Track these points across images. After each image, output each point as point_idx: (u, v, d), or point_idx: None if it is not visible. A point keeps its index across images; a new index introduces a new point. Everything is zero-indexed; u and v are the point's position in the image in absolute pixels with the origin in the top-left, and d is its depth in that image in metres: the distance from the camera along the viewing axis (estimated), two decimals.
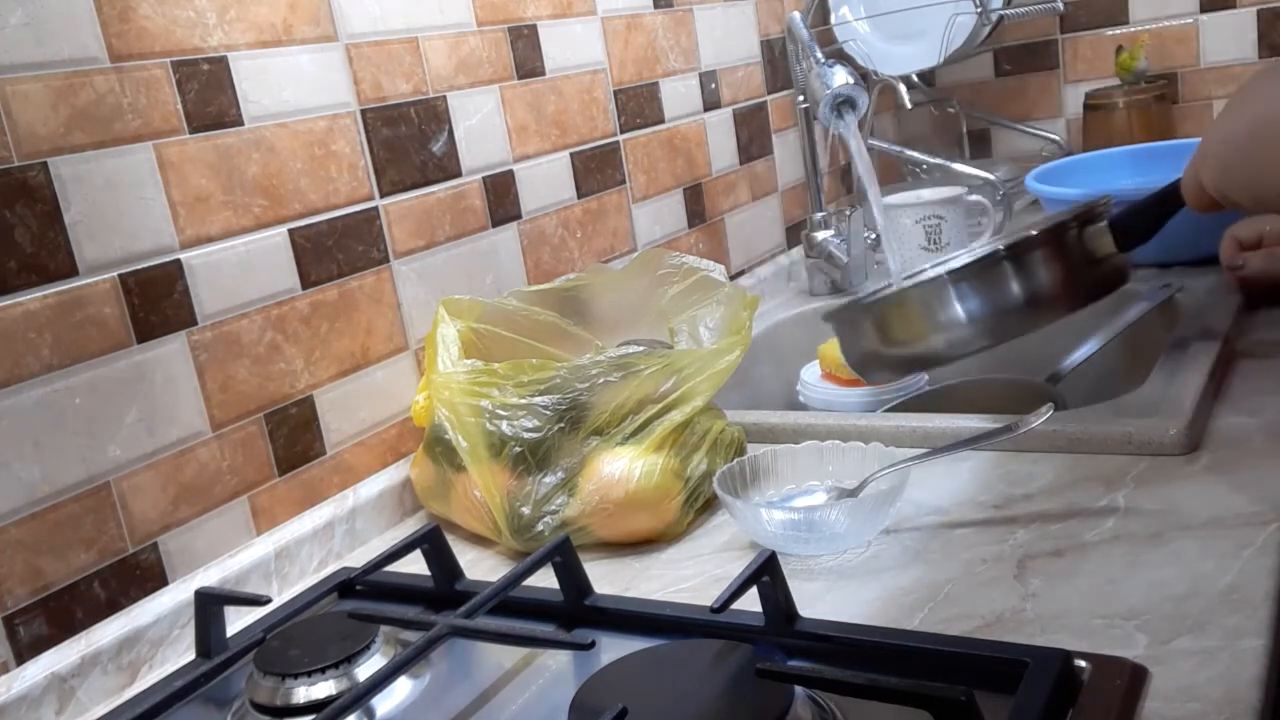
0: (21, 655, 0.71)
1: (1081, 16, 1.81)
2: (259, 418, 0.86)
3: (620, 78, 1.28)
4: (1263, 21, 1.69)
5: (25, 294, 0.71)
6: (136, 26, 0.78)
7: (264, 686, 0.67)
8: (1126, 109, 1.67)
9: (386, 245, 0.97)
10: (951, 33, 1.60)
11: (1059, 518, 0.75)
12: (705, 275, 0.97)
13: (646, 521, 0.82)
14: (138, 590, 0.77)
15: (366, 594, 0.80)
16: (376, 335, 0.96)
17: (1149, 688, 0.55)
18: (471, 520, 0.88)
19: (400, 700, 0.66)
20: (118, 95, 0.77)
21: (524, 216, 1.13)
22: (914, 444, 0.90)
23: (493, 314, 0.96)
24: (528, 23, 1.14)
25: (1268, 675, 0.55)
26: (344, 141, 0.94)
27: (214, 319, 0.83)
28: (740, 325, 0.88)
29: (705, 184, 1.43)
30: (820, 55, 1.24)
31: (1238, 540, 0.68)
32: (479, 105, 1.08)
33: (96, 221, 0.75)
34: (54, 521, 0.73)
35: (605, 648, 0.67)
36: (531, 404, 0.84)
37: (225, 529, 0.83)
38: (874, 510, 0.76)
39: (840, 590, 0.71)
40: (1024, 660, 0.56)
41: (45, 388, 0.72)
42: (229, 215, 0.84)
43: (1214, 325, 1.00)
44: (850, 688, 0.54)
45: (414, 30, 1.01)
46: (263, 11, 0.87)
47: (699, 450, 0.86)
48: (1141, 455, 0.82)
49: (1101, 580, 0.66)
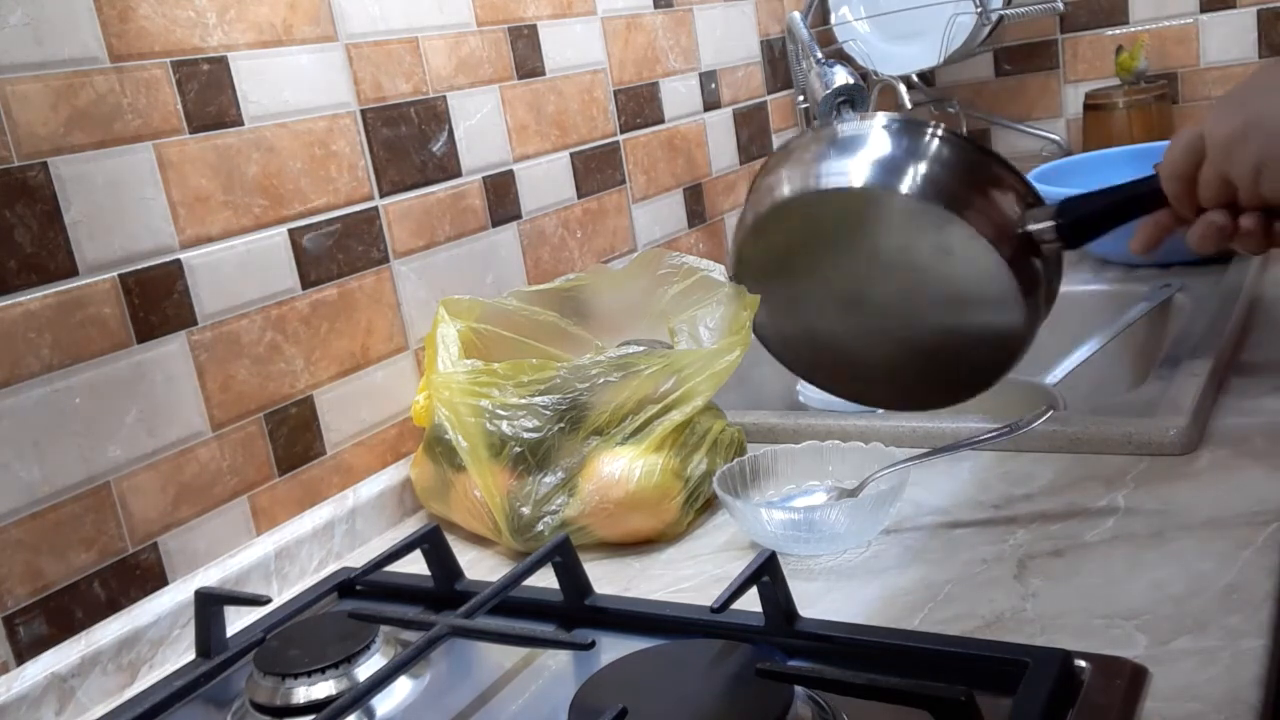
0: (21, 655, 0.71)
1: (1081, 16, 1.81)
2: (259, 418, 0.86)
3: (620, 78, 1.28)
4: (1263, 21, 1.69)
5: (25, 294, 0.71)
6: (136, 26, 0.78)
7: (264, 686, 0.67)
8: (1126, 109, 1.67)
9: (386, 245, 0.97)
10: (951, 33, 1.60)
11: (1059, 518, 0.75)
12: (705, 275, 0.97)
13: (646, 521, 0.82)
14: (138, 590, 0.77)
15: (366, 594, 0.80)
16: (376, 335, 0.96)
17: (1149, 688, 0.55)
18: (471, 520, 0.88)
19: (400, 700, 0.66)
20: (118, 95, 0.77)
21: (524, 216, 1.13)
22: (914, 444, 0.90)
23: (493, 314, 0.96)
24: (528, 23, 1.14)
25: (1268, 675, 0.55)
26: (344, 141, 0.94)
27: (214, 319, 0.83)
28: (740, 325, 0.88)
29: (705, 184, 1.43)
30: (820, 55, 1.24)
31: (1238, 540, 0.68)
32: (479, 105, 1.08)
33: (96, 221, 0.75)
34: (54, 521, 0.73)
35: (605, 648, 0.67)
36: (531, 404, 0.84)
37: (225, 529, 0.83)
38: (874, 510, 0.76)
39: (840, 590, 0.71)
40: (1024, 660, 0.56)
41: (45, 388, 0.72)
42: (229, 215, 0.84)
43: (1214, 325, 1.00)
44: (850, 688, 0.54)
45: (414, 30, 1.01)
46: (263, 11, 0.87)
47: (699, 450, 0.85)
48: (1141, 455, 0.82)
49: (1101, 580, 0.66)
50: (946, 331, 0.86)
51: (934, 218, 0.80)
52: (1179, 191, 0.76)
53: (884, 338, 0.90)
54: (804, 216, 0.87)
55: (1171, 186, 0.76)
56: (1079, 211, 0.82)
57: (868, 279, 0.87)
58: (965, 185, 0.82)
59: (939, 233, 0.81)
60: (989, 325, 0.84)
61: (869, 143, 0.84)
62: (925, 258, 0.83)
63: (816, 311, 0.91)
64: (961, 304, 0.84)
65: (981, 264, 0.81)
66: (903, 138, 0.84)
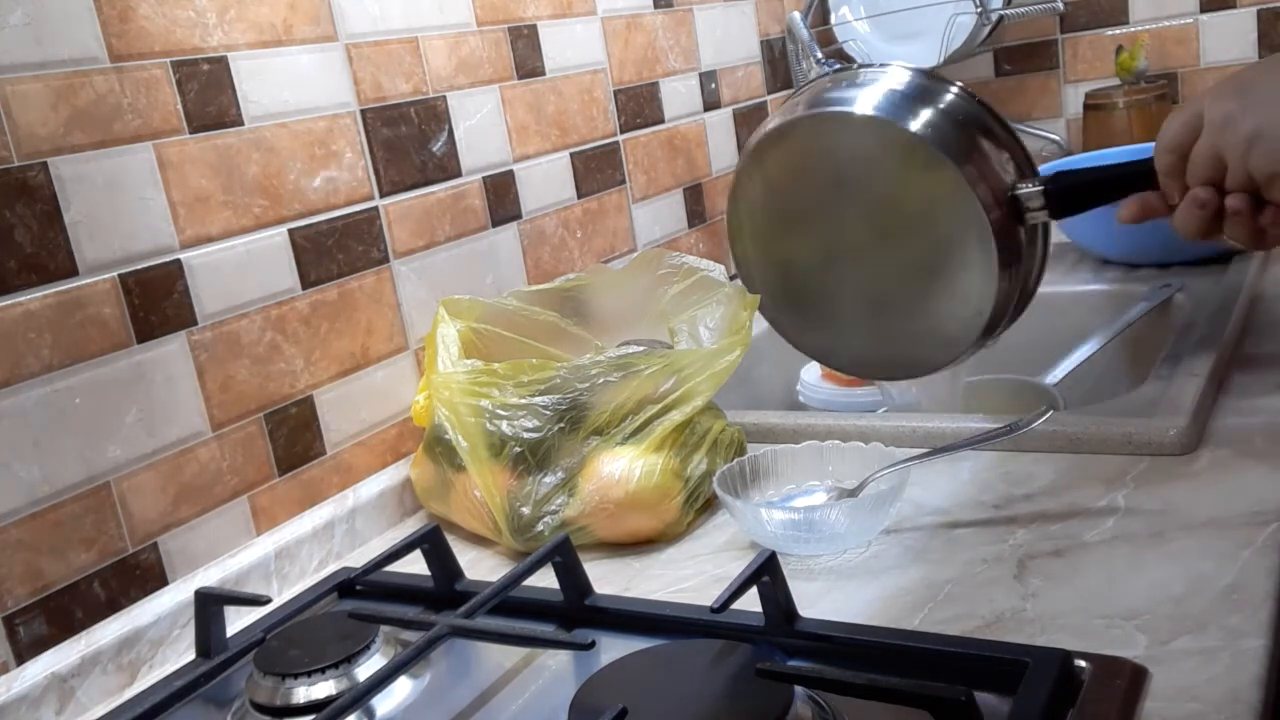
0: (21, 655, 0.71)
1: (1081, 16, 1.81)
2: (259, 418, 0.86)
3: (620, 78, 1.28)
4: (1263, 21, 1.69)
5: (25, 294, 0.71)
6: (136, 26, 0.78)
7: (264, 686, 0.67)
8: (1126, 109, 1.67)
9: (386, 245, 0.97)
10: (951, 33, 1.60)
11: (1059, 518, 0.75)
12: (705, 275, 0.97)
13: (646, 521, 0.82)
14: (138, 590, 0.77)
15: (366, 594, 0.80)
16: (376, 335, 0.96)
17: (1149, 688, 0.55)
18: (471, 520, 0.88)
19: (400, 700, 0.66)
20: (118, 95, 0.77)
21: (524, 216, 1.13)
22: (914, 444, 0.90)
23: (493, 314, 0.96)
24: (528, 23, 1.14)
25: (1268, 675, 0.55)
26: (344, 141, 0.94)
27: (214, 319, 0.83)
28: (740, 325, 0.88)
29: (705, 184, 1.43)
30: (820, 55, 1.24)
31: (1238, 540, 0.68)
32: (479, 105, 1.08)
33: (96, 221, 0.75)
34: (54, 521, 0.73)
35: (605, 648, 0.67)
36: (531, 404, 0.84)
37: (225, 529, 0.83)
38: (874, 510, 0.76)
39: (840, 590, 0.71)
40: (1024, 660, 0.56)
41: (45, 388, 0.72)
42: (229, 215, 0.84)
43: (1214, 325, 1.00)
44: (850, 688, 0.54)
45: (414, 30, 1.01)
46: (263, 11, 0.87)
47: (699, 450, 0.85)
48: (1141, 455, 0.82)
49: (1101, 580, 0.66)
50: (918, 292, 0.85)
51: (928, 160, 0.80)
52: (1169, 166, 0.76)
53: (858, 289, 0.89)
54: (803, 145, 0.86)
55: (1163, 160, 0.76)
56: (1068, 181, 0.81)
57: (852, 222, 0.86)
58: (966, 136, 0.81)
59: (929, 177, 0.80)
60: (960, 291, 0.83)
61: (881, 80, 0.84)
62: (911, 204, 0.83)
63: (798, 247, 0.90)
64: (939, 261, 0.83)
65: (966, 217, 0.80)
66: (916, 83, 0.84)
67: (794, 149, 0.87)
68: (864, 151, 0.84)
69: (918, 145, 0.80)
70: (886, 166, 0.83)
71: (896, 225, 0.85)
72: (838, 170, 0.85)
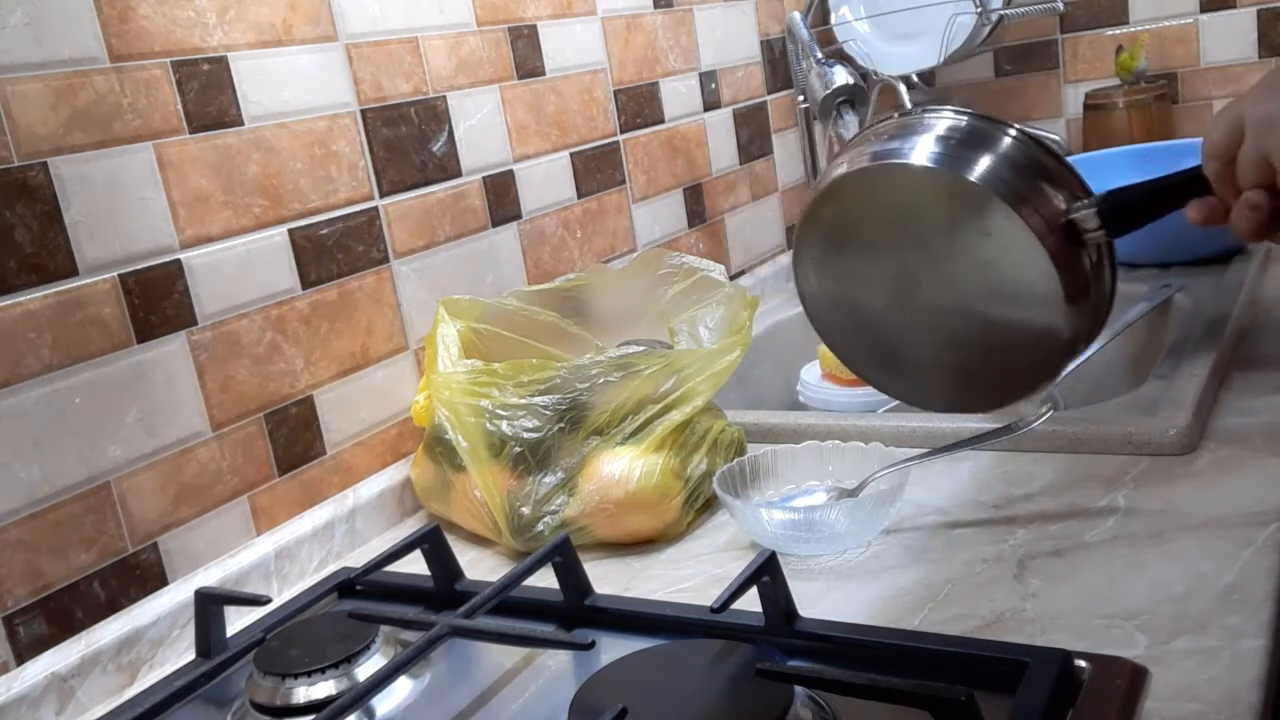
0: (21, 655, 0.71)
1: (1081, 16, 1.81)
2: (259, 418, 0.86)
3: (620, 78, 1.28)
4: (1263, 21, 1.69)
5: (25, 294, 0.71)
6: (136, 26, 0.78)
7: (264, 686, 0.67)
8: (1126, 109, 1.67)
9: (386, 245, 0.97)
10: (951, 33, 1.60)
11: (1059, 518, 0.75)
12: (705, 275, 0.97)
13: (646, 521, 0.82)
14: (138, 590, 0.77)
15: (366, 594, 0.80)
16: (376, 335, 0.96)
17: (1149, 688, 0.55)
18: (471, 520, 0.88)
19: (400, 700, 0.66)
20: (118, 95, 0.77)
21: (524, 216, 1.13)
22: (914, 444, 0.90)
23: (493, 314, 0.96)
24: (528, 23, 1.14)
25: (1268, 675, 0.55)
26: (344, 141, 0.94)
27: (214, 319, 0.83)
28: (740, 325, 0.88)
29: (705, 184, 1.43)
30: (820, 55, 1.24)
31: (1238, 540, 0.68)
32: (479, 105, 1.08)
33: (96, 221, 0.75)
34: (54, 521, 0.73)
35: (605, 648, 0.67)
36: (531, 404, 0.84)
37: (225, 529, 0.83)
38: (874, 510, 0.76)
39: (840, 590, 0.71)
40: (1024, 660, 0.56)
41: (45, 388, 0.72)
42: (229, 215, 0.84)
43: (1214, 325, 1.00)
44: (850, 688, 0.54)
45: (414, 30, 1.01)
46: (263, 11, 0.87)
47: (699, 450, 0.86)
48: (1141, 455, 0.82)
49: (1101, 580, 0.66)
50: (989, 327, 0.86)
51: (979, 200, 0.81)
52: (1218, 171, 0.76)
53: (929, 330, 0.89)
54: (864, 193, 0.87)
55: (1211, 166, 0.76)
56: (1122, 198, 0.81)
57: (917, 266, 0.87)
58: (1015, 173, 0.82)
59: (984, 218, 0.81)
60: (1031, 323, 0.83)
61: (934, 127, 0.85)
62: (971, 245, 0.83)
63: (870, 301, 0.91)
64: (1005, 297, 0.83)
65: (1024, 252, 0.80)
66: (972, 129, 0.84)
67: (855, 201, 0.88)
68: (922, 202, 0.84)
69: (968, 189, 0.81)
70: (943, 214, 0.83)
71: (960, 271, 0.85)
72: (896, 222, 0.86)
